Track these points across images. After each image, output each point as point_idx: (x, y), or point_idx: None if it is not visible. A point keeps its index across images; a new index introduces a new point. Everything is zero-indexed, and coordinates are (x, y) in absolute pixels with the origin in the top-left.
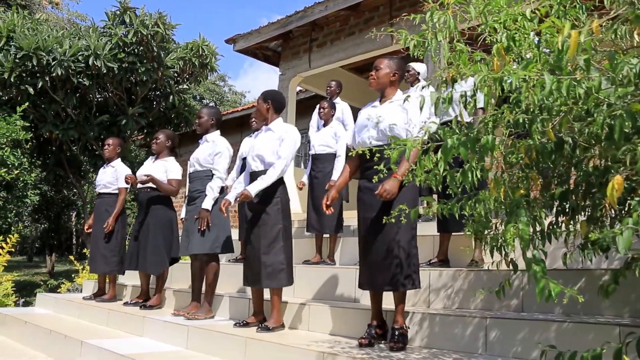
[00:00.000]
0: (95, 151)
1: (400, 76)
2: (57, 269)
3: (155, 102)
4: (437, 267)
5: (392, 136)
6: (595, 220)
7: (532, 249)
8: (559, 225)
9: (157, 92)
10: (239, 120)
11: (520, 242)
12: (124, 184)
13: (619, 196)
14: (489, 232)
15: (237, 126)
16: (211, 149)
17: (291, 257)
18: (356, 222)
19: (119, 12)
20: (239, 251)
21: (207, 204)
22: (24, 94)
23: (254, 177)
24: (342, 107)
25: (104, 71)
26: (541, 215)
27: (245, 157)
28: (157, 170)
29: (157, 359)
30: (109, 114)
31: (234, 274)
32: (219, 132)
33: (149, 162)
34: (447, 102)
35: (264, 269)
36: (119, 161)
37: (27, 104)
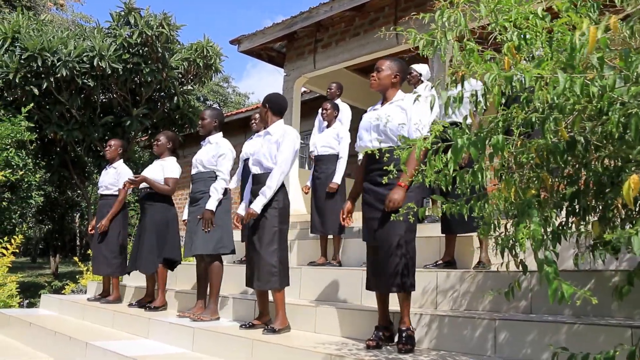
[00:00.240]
0: (99, 152)
1: (402, 78)
2: (61, 270)
3: (159, 103)
4: (444, 268)
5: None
6: (607, 220)
7: (544, 249)
8: (569, 225)
9: (162, 93)
10: (243, 121)
11: (531, 242)
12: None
13: (635, 195)
14: (499, 233)
15: (240, 127)
16: (214, 150)
17: (286, 260)
18: (360, 223)
19: (123, 13)
20: (242, 252)
21: (211, 205)
22: (28, 94)
23: (255, 180)
24: (341, 107)
25: (109, 72)
26: (551, 215)
27: (246, 159)
28: (154, 170)
29: None
30: (113, 115)
31: (237, 275)
32: (221, 133)
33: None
34: (458, 101)
35: (257, 270)
36: (120, 162)
37: (31, 105)
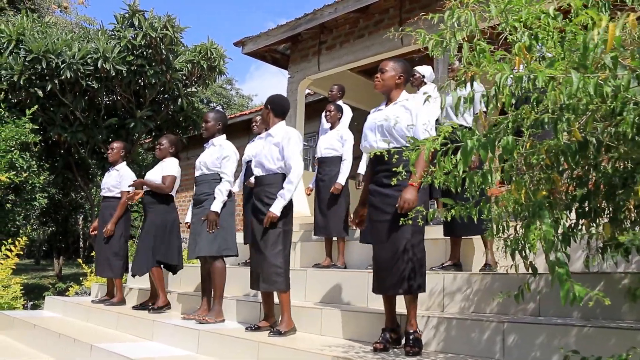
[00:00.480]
0: (103, 154)
1: (405, 79)
2: (65, 272)
3: (163, 105)
4: (450, 270)
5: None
6: (618, 222)
7: (554, 251)
8: (578, 227)
9: (166, 95)
10: (246, 123)
11: (542, 244)
12: (126, 187)
13: None
14: (507, 234)
15: (244, 130)
16: (218, 152)
17: (288, 262)
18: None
19: (127, 15)
20: (246, 255)
21: (216, 207)
22: (33, 96)
23: (257, 182)
24: (343, 108)
25: (113, 74)
26: (562, 217)
27: (249, 161)
28: (155, 172)
29: None
30: (117, 117)
31: (241, 277)
32: (225, 136)
33: None
34: (469, 102)
35: (262, 272)
36: (123, 165)
37: (36, 107)
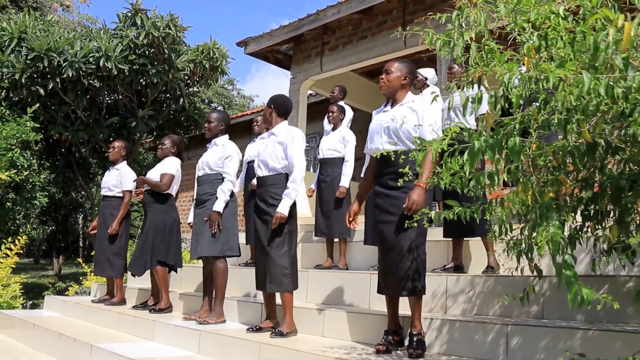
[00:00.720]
0: (104, 153)
1: (411, 80)
2: (64, 272)
3: (165, 105)
4: (452, 272)
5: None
6: (625, 225)
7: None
8: (584, 230)
9: (167, 95)
10: (248, 124)
11: (550, 246)
12: (129, 187)
13: None
14: (511, 236)
15: (246, 130)
16: (221, 152)
17: (295, 262)
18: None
19: (130, 14)
20: (247, 255)
21: (218, 207)
22: (34, 95)
23: (260, 182)
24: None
25: (115, 73)
26: (568, 219)
27: (250, 162)
28: (155, 171)
29: None
30: (118, 116)
31: (242, 278)
32: (227, 136)
33: None
34: (477, 102)
35: (269, 272)
36: (124, 164)
37: (37, 105)
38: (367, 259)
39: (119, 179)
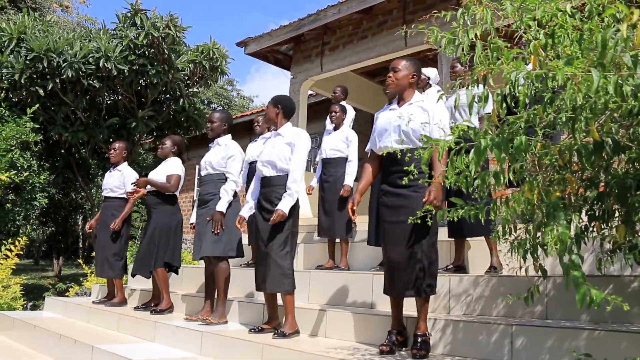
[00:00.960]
0: (104, 154)
1: (418, 78)
2: (64, 273)
3: (165, 105)
4: (454, 273)
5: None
6: (631, 224)
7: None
8: (590, 229)
9: (167, 95)
10: (248, 124)
11: (557, 246)
12: (131, 188)
13: None
14: (515, 236)
15: (245, 130)
16: (224, 152)
17: (293, 263)
18: (366, 227)
19: (129, 14)
20: (248, 256)
21: (221, 207)
22: (34, 95)
23: (265, 182)
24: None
25: (115, 73)
26: (574, 218)
27: (252, 162)
28: (159, 171)
29: None
30: (118, 117)
31: (244, 279)
32: (230, 135)
33: None
34: (483, 100)
35: (269, 273)
36: (125, 165)
37: (37, 106)
38: (368, 260)
39: (121, 180)
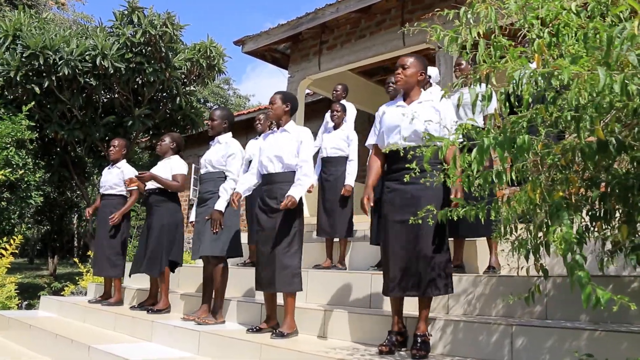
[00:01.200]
0: (100, 152)
1: (425, 75)
2: (60, 272)
3: (161, 104)
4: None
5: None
6: (634, 224)
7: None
8: (591, 229)
9: (164, 94)
10: (246, 123)
11: (560, 246)
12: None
13: None
14: (516, 236)
15: (243, 129)
16: (224, 150)
17: (301, 262)
18: (367, 226)
19: (127, 12)
20: (246, 255)
21: (220, 206)
22: (29, 93)
23: (269, 179)
24: (347, 108)
25: (111, 71)
26: (576, 218)
27: (251, 160)
28: (162, 169)
29: None
30: (115, 115)
31: (241, 278)
32: (230, 134)
33: None
34: (487, 99)
35: (279, 272)
36: (124, 162)
37: (32, 104)
38: (367, 259)
39: (120, 178)
